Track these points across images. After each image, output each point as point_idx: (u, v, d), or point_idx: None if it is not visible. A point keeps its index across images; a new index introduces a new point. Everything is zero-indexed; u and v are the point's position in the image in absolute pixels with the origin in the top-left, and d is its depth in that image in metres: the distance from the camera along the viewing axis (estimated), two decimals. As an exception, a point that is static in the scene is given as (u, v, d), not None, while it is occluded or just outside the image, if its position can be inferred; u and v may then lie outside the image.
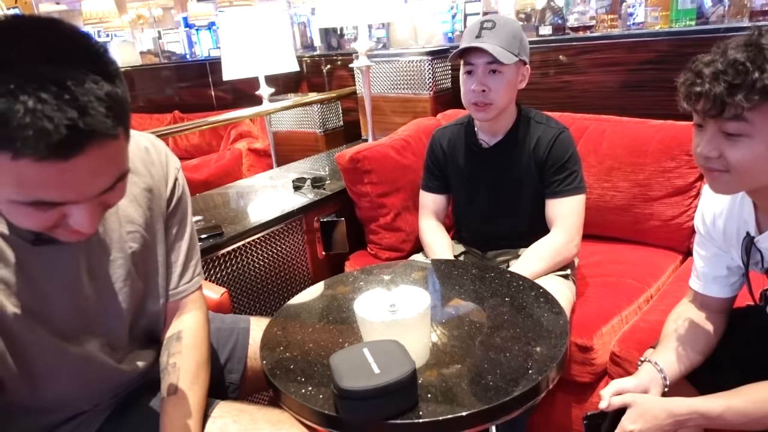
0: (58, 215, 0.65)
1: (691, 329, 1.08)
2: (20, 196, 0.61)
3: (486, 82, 1.40)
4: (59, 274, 0.80)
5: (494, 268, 1.40)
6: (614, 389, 1.02)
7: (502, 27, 1.38)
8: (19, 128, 0.55)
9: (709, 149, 0.84)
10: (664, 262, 1.73)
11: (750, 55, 0.78)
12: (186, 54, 5.39)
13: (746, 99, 0.77)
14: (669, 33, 1.91)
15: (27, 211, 0.63)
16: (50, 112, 0.55)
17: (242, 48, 2.34)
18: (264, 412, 1.00)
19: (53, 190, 0.61)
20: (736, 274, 1.07)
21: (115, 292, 0.89)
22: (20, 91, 0.55)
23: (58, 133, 0.56)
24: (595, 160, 1.83)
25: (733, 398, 0.91)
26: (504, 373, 0.96)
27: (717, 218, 1.03)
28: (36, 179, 0.59)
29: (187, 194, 1.02)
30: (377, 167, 1.84)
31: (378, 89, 2.54)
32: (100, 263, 0.86)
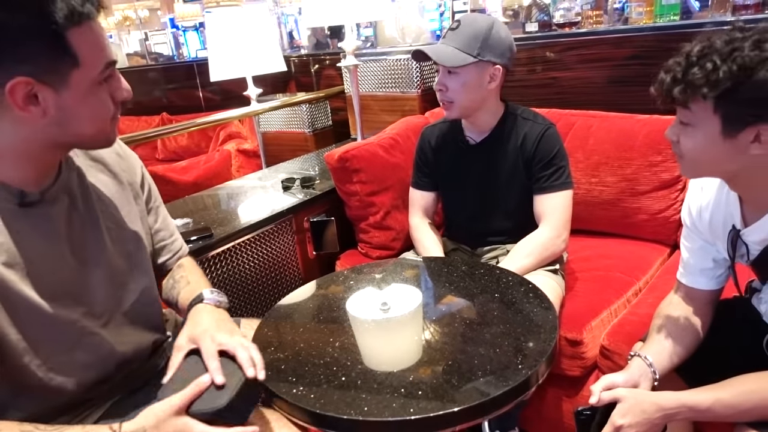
0: (110, 96, 0.83)
1: (679, 322, 1.09)
2: (99, 65, 0.79)
3: (444, 81, 1.44)
4: (42, 237, 0.86)
5: (484, 265, 1.41)
6: (604, 384, 1.02)
7: (466, 27, 1.41)
8: (79, 2, 0.74)
9: (670, 133, 0.92)
10: (652, 256, 1.75)
11: (701, 51, 0.82)
12: (173, 55, 5.35)
13: (680, 92, 0.83)
14: (653, 28, 1.93)
15: (101, 94, 0.81)
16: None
17: (229, 48, 2.33)
18: (254, 412, 1.00)
19: (107, 49, 0.80)
20: (723, 267, 1.08)
21: (93, 262, 0.93)
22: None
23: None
24: (582, 155, 1.85)
25: (721, 391, 0.92)
26: (494, 369, 0.96)
27: (703, 211, 1.05)
28: (99, 40, 0.78)
29: (150, 178, 1.14)
30: (366, 166, 1.84)
31: (366, 88, 2.54)
32: (80, 235, 0.92)
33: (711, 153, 0.87)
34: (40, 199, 0.85)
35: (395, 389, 0.94)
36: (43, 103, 0.76)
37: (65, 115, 0.79)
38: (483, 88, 1.45)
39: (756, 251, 0.97)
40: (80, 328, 0.90)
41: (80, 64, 0.76)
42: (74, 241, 0.90)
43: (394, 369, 1.00)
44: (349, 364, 1.02)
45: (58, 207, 0.89)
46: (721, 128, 0.83)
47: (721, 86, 0.79)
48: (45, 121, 0.78)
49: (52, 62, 0.75)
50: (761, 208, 0.93)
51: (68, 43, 0.74)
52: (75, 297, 0.90)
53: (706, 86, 0.80)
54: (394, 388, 0.94)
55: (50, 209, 0.87)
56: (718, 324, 1.11)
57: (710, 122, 0.83)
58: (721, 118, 0.82)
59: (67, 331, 0.88)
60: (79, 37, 0.75)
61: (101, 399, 0.97)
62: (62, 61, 0.75)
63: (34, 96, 0.75)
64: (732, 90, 0.79)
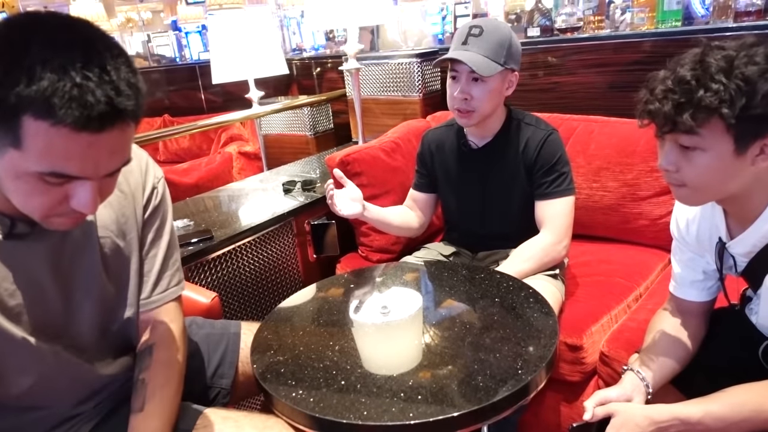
0: (62, 195, 0.70)
1: (672, 335, 1.09)
2: (41, 166, 0.66)
3: (468, 90, 1.40)
4: (28, 271, 0.81)
5: (484, 269, 1.41)
6: (597, 400, 1.03)
7: (489, 34, 1.37)
8: (65, 99, 0.62)
9: (667, 163, 0.88)
10: (653, 261, 1.74)
11: (696, 74, 0.80)
12: (176, 57, 5.37)
13: (692, 117, 0.80)
14: (655, 34, 1.94)
15: (37, 187, 0.68)
16: (94, 87, 0.63)
17: (232, 51, 2.34)
18: (251, 418, 1.00)
19: (75, 162, 0.67)
20: (713, 278, 1.08)
21: (82, 293, 0.89)
22: (69, 67, 0.62)
23: (98, 107, 0.63)
24: (583, 160, 1.85)
25: (711, 403, 0.92)
26: (494, 374, 0.96)
27: (690, 224, 1.05)
28: (64, 149, 0.65)
29: (167, 204, 1.01)
30: (367, 169, 1.84)
31: (368, 91, 2.55)
32: (70, 264, 0.87)
33: (721, 175, 0.85)
34: (30, 231, 0.80)
35: (395, 393, 0.94)
36: None
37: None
38: (501, 95, 1.44)
39: (743, 263, 0.98)
40: (63, 359, 0.88)
41: (21, 148, 0.65)
42: (64, 271, 0.86)
43: (393, 373, 1.00)
44: (348, 367, 1.02)
45: (50, 238, 0.83)
46: (734, 147, 0.82)
47: (737, 104, 0.78)
48: None
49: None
50: (745, 221, 0.93)
51: (18, 124, 0.63)
52: (58, 330, 0.87)
53: (723, 106, 0.78)
54: (394, 393, 0.94)
55: (40, 242, 0.82)
56: (713, 334, 1.11)
57: (723, 142, 0.82)
58: (733, 137, 0.81)
59: (48, 362, 0.86)
60: (36, 128, 0.63)
61: (89, 415, 0.96)
62: (3, 133, 0.65)
63: None
64: (745, 106, 0.78)
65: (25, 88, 0.61)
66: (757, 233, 0.91)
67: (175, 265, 1.03)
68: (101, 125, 0.65)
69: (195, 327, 1.20)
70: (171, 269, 1.02)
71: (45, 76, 0.61)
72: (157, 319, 1.00)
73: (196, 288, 1.37)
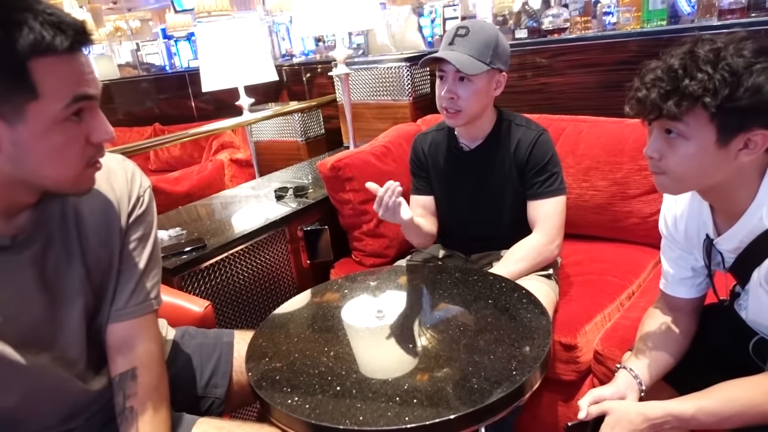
0: (84, 135, 0.76)
1: (663, 332, 1.10)
2: (64, 98, 0.72)
3: (455, 89, 1.41)
4: (9, 284, 0.81)
5: (477, 271, 1.42)
6: (591, 398, 1.04)
7: (475, 34, 1.39)
8: (52, 29, 0.69)
9: (652, 150, 0.90)
10: (644, 259, 1.76)
11: (684, 63, 0.83)
12: (165, 65, 5.36)
13: (676, 104, 0.82)
14: (641, 33, 1.95)
15: (67, 131, 0.74)
16: (59, 13, 0.71)
17: (221, 59, 2.34)
18: (244, 428, 1.00)
19: (84, 82, 0.73)
20: (702, 275, 1.09)
21: (69, 304, 0.88)
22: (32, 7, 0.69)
23: (74, 26, 0.71)
24: (573, 160, 1.86)
25: (703, 399, 0.93)
26: (489, 375, 0.97)
27: (678, 221, 1.06)
28: (71, 73, 0.72)
29: (152, 214, 0.99)
30: (358, 174, 1.85)
31: (358, 96, 2.55)
32: (55, 273, 0.86)
33: (702, 165, 0.86)
34: (10, 245, 0.79)
35: (390, 398, 0.94)
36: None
37: (21, 153, 0.72)
38: (489, 95, 1.45)
39: (731, 259, 0.99)
40: (50, 374, 0.87)
41: (39, 96, 0.69)
42: (49, 282, 0.85)
43: (388, 377, 1.00)
44: (344, 373, 1.02)
45: (31, 250, 0.82)
46: (717, 138, 0.83)
47: (720, 94, 0.79)
48: (1, 157, 0.71)
49: (5, 91, 0.69)
50: (732, 217, 0.94)
51: (28, 73, 0.68)
52: (45, 343, 0.86)
53: (707, 95, 0.80)
54: (389, 397, 0.94)
55: (21, 255, 0.81)
56: (704, 330, 1.12)
57: (705, 133, 0.83)
58: (716, 128, 0.82)
59: (34, 378, 0.85)
60: (43, 67, 0.69)
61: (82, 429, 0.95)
62: (18, 91, 0.69)
63: None
64: (729, 97, 0.79)
65: (19, 36, 0.67)
66: (743, 229, 0.92)
67: (154, 279, 0.99)
68: (83, 42, 0.73)
69: (187, 337, 1.20)
70: (150, 281, 0.97)
71: (26, 19, 0.67)
72: (135, 338, 0.95)
73: (189, 297, 1.36)
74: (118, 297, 0.94)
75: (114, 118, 4.50)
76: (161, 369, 0.98)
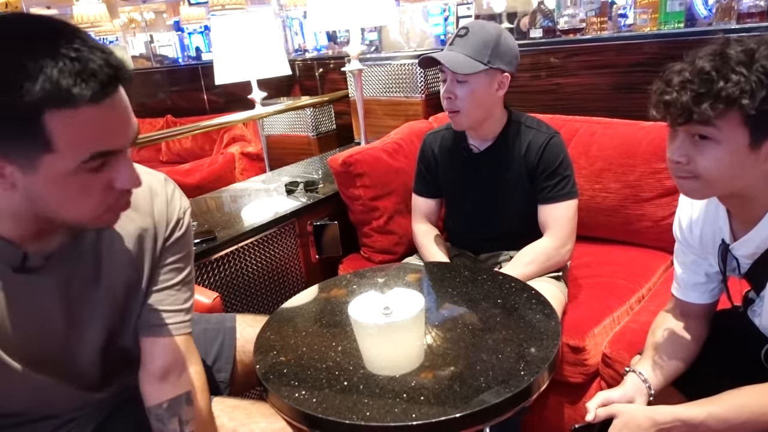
0: (106, 183, 0.70)
1: (674, 337, 1.09)
2: (80, 155, 0.66)
3: (453, 89, 1.41)
4: (34, 305, 0.79)
5: (486, 271, 1.41)
6: (600, 401, 1.03)
7: (474, 34, 1.39)
8: (73, 77, 0.62)
9: (679, 155, 0.86)
10: (655, 263, 1.74)
11: (716, 65, 0.80)
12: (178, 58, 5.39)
13: (711, 107, 0.79)
14: (657, 35, 1.93)
15: (84, 183, 0.68)
16: (88, 55, 0.63)
17: (235, 52, 2.34)
18: (258, 406, 1.01)
19: (107, 135, 0.68)
20: (715, 280, 1.08)
21: (87, 323, 0.87)
22: (57, 48, 0.62)
23: (103, 71, 0.64)
24: (585, 161, 1.85)
25: (713, 405, 0.92)
26: (496, 375, 0.96)
27: (693, 225, 1.05)
28: (93, 127, 0.65)
29: (189, 237, 0.97)
30: (369, 170, 1.84)
31: (370, 92, 2.55)
32: (78, 295, 0.84)
33: (732, 169, 0.84)
34: (42, 265, 0.78)
35: (397, 394, 0.94)
36: (10, 178, 0.67)
37: (35, 196, 0.69)
38: (491, 96, 1.44)
39: (746, 264, 0.97)
40: (60, 387, 0.87)
41: (53, 150, 0.64)
42: (72, 302, 0.83)
43: (395, 374, 1.00)
44: (351, 368, 1.03)
45: (60, 272, 0.80)
46: (749, 141, 0.81)
47: (757, 95, 0.77)
48: (16, 194, 0.68)
49: (17, 141, 0.64)
50: (749, 222, 0.93)
51: (41, 126, 0.62)
52: (59, 362, 0.85)
53: (744, 97, 0.77)
54: (396, 393, 0.94)
55: (50, 276, 0.79)
56: (715, 336, 1.11)
57: (737, 136, 0.81)
58: (749, 130, 0.80)
59: (44, 390, 0.85)
60: (58, 121, 0.63)
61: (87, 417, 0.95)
62: (30, 143, 0.64)
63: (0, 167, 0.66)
64: (765, 98, 0.77)
65: (33, 85, 0.60)
66: (761, 234, 0.91)
67: (191, 301, 0.97)
68: (113, 88, 0.66)
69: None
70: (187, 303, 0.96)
71: (43, 66, 0.61)
72: (184, 360, 0.94)
73: (197, 288, 1.36)
74: (153, 315, 0.92)
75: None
76: (208, 389, 0.98)
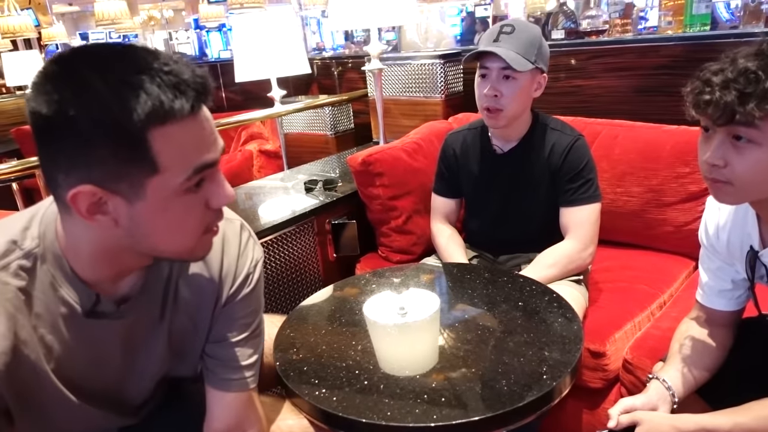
0: (203, 203, 0.71)
1: (699, 344, 1.07)
2: (184, 171, 0.66)
3: (499, 87, 1.39)
4: (97, 345, 0.80)
5: (507, 273, 1.40)
6: (622, 407, 1.01)
7: (521, 32, 1.37)
8: (171, 91, 0.62)
9: (716, 157, 0.83)
10: (677, 269, 1.72)
11: (761, 64, 0.78)
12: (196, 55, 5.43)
13: (758, 108, 0.76)
14: (682, 38, 1.91)
15: (186, 203, 0.68)
16: (179, 69, 0.63)
17: (255, 50, 2.35)
18: (277, 403, 1.03)
19: (204, 148, 0.68)
20: (742, 288, 1.06)
21: (144, 361, 0.88)
22: (150, 66, 0.62)
23: (194, 84, 0.64)
24: (607, 165, 1.83)
25: (740, 415, 0.90)
26: (518, 379, 0.95)
27: (720, 231, 1.02)
28: (191, 140, 0.66)
29: (259, 292, 0.94)
30: (389, 170, 1.84)
31: (389, 92, 2.55)
32: (141, 335, 0.85)
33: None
34: (113, 311, 0.78)
35: (418, 395, 0.94)
36: (113, 213, 0.66)
37: (138, 227, 0.68)
38: (530, 96, 1.43)
39: None
40: (104, 417, 0.87)
41: (159, 170, 0.64)
42: (132, 347, 0.84)
43: (410, 374, 1.00)
44: (371, 367, 1.02)
45: (128, 317, 0.80)
46: None
47: None
48: (117, 230, 0.68)
49: (124, 167, 0.63)
50: None
51: (146, 146, 0.62)
52: (112, 398, 0.87)
53: None
54: (417, 394, 0.94)
55: (119, 320, 0.79)
56: (740, 345, 1.08)
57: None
58: None
59: (90, 420, 0.86)
60: (163, 137, 0.62)
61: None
62: (137, 166, 0.63)
63: (104, 203, 0.65)
64: None
65: (137, 103, 0.60)
66: None
67: (253, 357, 0.94)
68: (204, 99, 0.66)
69: None
70: (248, 360, 0.93)
71: (142, 83, 0.61)
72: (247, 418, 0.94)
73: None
74: (216, 367, 0.92)
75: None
76: None
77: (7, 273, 0.70)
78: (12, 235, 0.71)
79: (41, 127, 0.62)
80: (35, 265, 0.72)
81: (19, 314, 0.71)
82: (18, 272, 0.71)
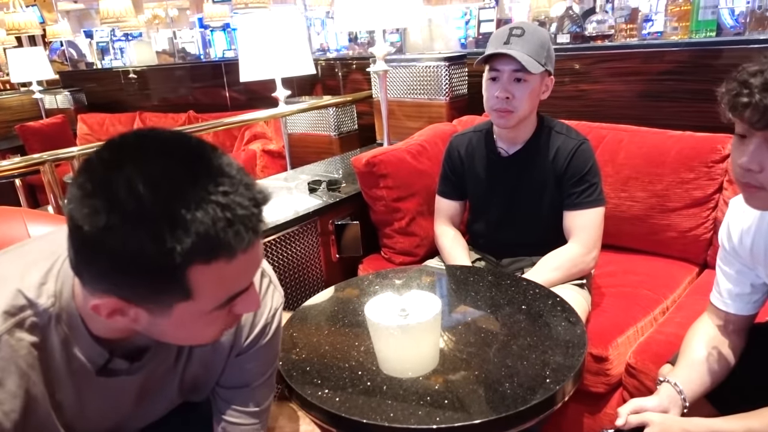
0: (229, 309, 0.67)
1: (711, 347, 1.06)
2: (216, 301, 0.63)
3: (510, 89, 1.38)
4: (109, 398, 0.80)
5: (510, 276, 1.40)
6: (632, 407, 1.00)
7: (531, 35, 1.37)
8: (225, 230, 0.56)
9: (751, 162, 0.80)
10: (680, 274, 1.72)
11: None
12: (200, 54, 5.43)
13: None
14: (688, 44, 1.90)
15: (209, 318, 0.65)
16: (239, 200, 0.57)
17: (260, 50, 2.35)
18: (281, 408, 1.01)
19: (244, 278, 0.65)
20: (760, 292, 1.05)
21: (154, 404, 0.88)
22: (207, 192, 0.56)
23: (253, 218, 0.59)
24: (612, 169, 1.82)
25: (752, 420, 0.89)
26: (521, 382, 0.95)
27: (744, 235, 1.00)
28: (233, 273, 0.61)
29: (277, 339, 0.91)
30: (393, 171, 1.84)
31: (393, 94, 2.55)
32: (153, 387, 0.85)
33: None
34: (127, 368, 0.77)
35: (421, 397, 0.94)
36: (133, 317, 0.64)
37: (156, 332, 0.68)
38: (538, 98, 1.43)
39: None
40: None
41: (192, 298, 0.60)
42: (143, 391, 0.83)
43: (410, 376, 1.00)
44: (374, 369, 1.02)
45: (142, 373, 0.79)
46: None
47: None
48: (135, 325, 0.66)
49: (155, 293, 0.61)
50: None
51: (184, 279, 0.58)
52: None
53: None
54: (420, 396, 0.94)
55: (130, 378, 0.79)
56: (752, 350, 1.08)
57: None
58: None
59: None
60: (203, 274, 0.58)
61: None
62: (169, 293, 0.60)
63: (126, 312, 0.63)
64: None
65: (183, 238, 0.54)
66: None
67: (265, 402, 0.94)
68: (260, 232, 0.61)
69: None
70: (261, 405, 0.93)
71: (194, 221, 0.54)
72: None
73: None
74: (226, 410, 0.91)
75: (149, 103, 4.58)
76: None
77: (21, 330, 0.68)
78: (27, 290, 0.69)
79: (77, 237, 0.58)
80: (49, 323, 0.70)
81: (32, 371, 0.70)
82: (32, 329, 0.69)
